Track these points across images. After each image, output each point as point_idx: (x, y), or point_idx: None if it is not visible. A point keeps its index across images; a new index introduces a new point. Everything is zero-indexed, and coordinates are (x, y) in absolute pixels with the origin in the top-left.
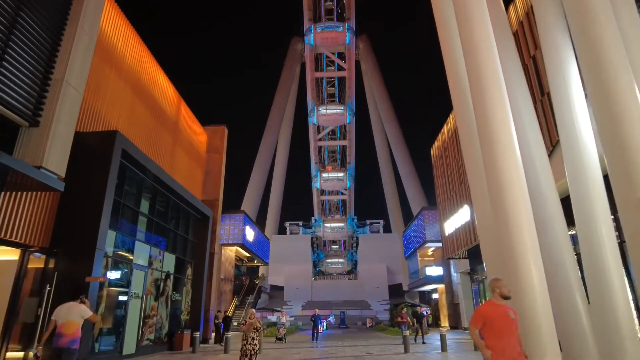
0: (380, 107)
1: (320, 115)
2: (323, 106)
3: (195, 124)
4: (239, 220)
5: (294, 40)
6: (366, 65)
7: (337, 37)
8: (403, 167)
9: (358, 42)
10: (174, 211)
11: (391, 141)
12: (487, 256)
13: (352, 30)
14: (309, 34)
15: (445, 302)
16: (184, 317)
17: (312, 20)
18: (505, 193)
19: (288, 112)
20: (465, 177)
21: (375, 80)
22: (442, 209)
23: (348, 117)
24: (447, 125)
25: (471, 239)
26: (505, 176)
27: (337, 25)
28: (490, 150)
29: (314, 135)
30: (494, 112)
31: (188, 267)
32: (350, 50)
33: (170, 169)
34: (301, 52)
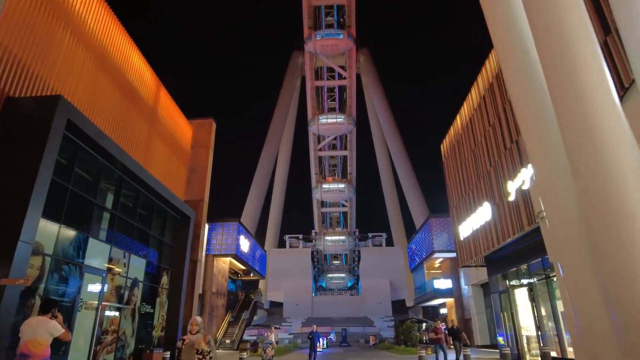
0: (382, 119)
1: (321, 124)
2: (323, 115)
3: (178, 115)
4: (233, 229)
5: (295, 54)
6: (367, 78)
7: (337, 44)
8: (405, 180)
9: (359, 56)
10: (146, 208)
11: (393, 153)
12: (557, 239)
13: (353, 38)
14: (309, 42)
15: (455, 318)
16: (156, 333)
17: (312, 29)
18: (605, 144)
19: (288, 126)
20: (484, 171)
21: (376, 93)
22: (455, 211)
23: (349, 126)
24: (461, 116)
25: (493, 241)
26: (603, 123)
27: (338, 33)
28: (575, 93)
29: (314, 146)
30: (579, 46)
31: (164, 274)
32: (351, 59)
33: (144, 160)
34: (301, 65)
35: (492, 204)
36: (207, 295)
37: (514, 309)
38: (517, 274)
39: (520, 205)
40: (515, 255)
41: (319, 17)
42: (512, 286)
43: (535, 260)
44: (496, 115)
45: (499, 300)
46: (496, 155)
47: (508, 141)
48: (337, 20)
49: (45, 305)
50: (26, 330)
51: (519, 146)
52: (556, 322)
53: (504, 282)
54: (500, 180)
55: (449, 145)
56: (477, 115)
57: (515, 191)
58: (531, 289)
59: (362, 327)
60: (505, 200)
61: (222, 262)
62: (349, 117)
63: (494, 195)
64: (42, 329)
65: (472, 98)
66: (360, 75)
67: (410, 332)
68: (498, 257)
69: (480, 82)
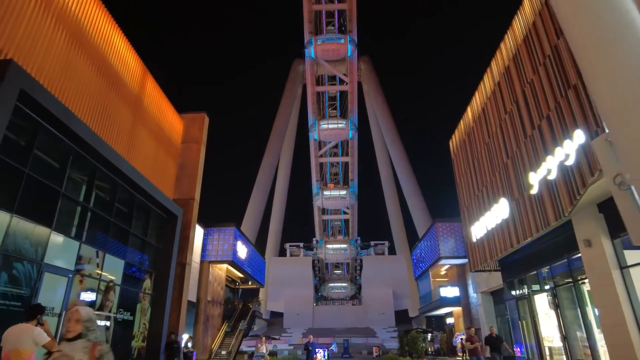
0: (383, 127)
1: (322, 130)
2: (324, 120)
3: (167, 107)
4: (229, 235)
5: (296, 62)
6: (368, 86)
7: (338, 49)
8: (407, 188)
9: (360, 64)
10: (126, 203)
11: (394, 161)
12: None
13: (354, 42)
14: (310, 47)
15: (462, 328)
16: (136, 343)
17: (313, 33)
18: None
19: (289, 133)
20: (501, 164)
21: (378, 100)
22: (466, 212)
23: (350, 132)
24: (472, 107)
25: (512, 241)
26: None
27: (339, 37)
28: None
29: (315, 152)
30: None
31: (146, 278)
32: (352, 64)
33: (127, 151)
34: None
35: (510, 199)
36: (202, 303)
37: (535, 317)
38: (537, 277)
39: (545, 199)
40: (534, 257)
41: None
42: (533, 291)
43: (559, 262)
44: (514, 100)
45: (516, 307)
46: (514, 146)
47: (529, 128)
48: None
49: (30, 312)
50: (8, 339)
51: (542, 132)
52: (587, 330)
53: (522, 287)
54: (520, 173)
55: (459, 141)
56: (491, 104)
57: (539, 183)
58: (555, 294)
59: (364, 337)
60: (526, 194)
61: (219, 269)
62: (350, 122)
63: (512, 190)
64: (25, 337)
65: (485, 86)
66: (361, 83)
67: (416, 343)
68: (514, 261)
69: (494, 67)
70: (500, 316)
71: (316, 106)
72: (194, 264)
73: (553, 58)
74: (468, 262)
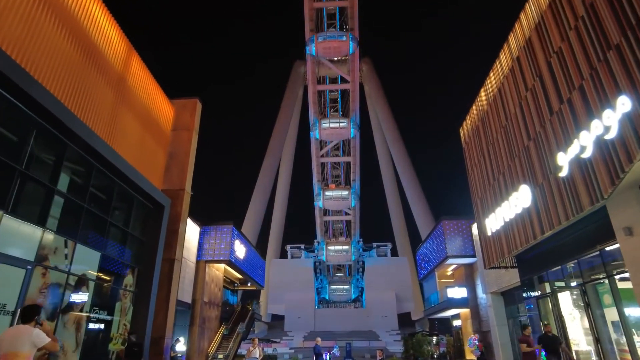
0: (385, 128)
1: (323, 129)
2: (326, 120)
3: (155, 90)
4: (227, 233)
5: (297, 64)
6: (369, 87)
7: (340, 46)
8: (410, 190)
9: (361, 65)
10: (103, 189)
11: (396, 162)
12: None
13: (356, 40)
14: (311, 44)
15: (470, 330)
16: (114, 346)
17: (314, 31)
18: None
19: (290, 135)
20: (521, 147)
21: (379, 102)
22: (479, 204)
23: (352, 131)
24: (486, 89)
25: (535, 232)
26: None
27: (340, 35)
28: None
29: (316, 152)
30: None
31: (127, 273)
32: (354, 62)
33: (109, 135)
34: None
35: (533, 185)
36: (198, 305)
37: (561, 317)
38: (561, 273)
39: (578, 181)
40: (558, 250)
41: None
42: (558, 288)
43: (590, 254)
44: (537, 74)
45: (536, 307)
46: (537, 125)
47: (555, 103)
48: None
49: (26, 313)
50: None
51: (572, 106)
52: (626, 332)
53: (543, 285)
54: (544, 155)
55: (471, 127)
56: (509, 83)
57: (570, 164)
58: (584, 291)
59: (367, 341)
60: (553, 177)
61: (216, 269)
62: (352, 121)
63: (535, 175)
64: (23, 339)
65: (502, 63)
66: (362, 84)
67: (422, 346)
68: (534, 255)
69: (512, 42)
70: (512, 318)
71: (317, 106)
72: (189, 263)
73: (588, 18)
74: (482, 259)
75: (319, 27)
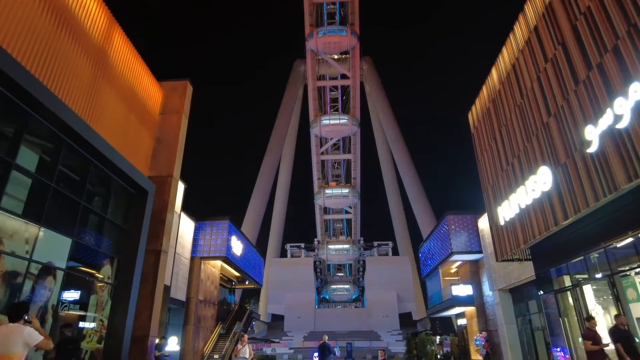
0: (386, 127)
1: (323, 126)
2: (326, 116)
3: (141, 70)
4: (223, 229)
5: (297, 63)
6: (370, 87)
7: (340, 41)
8: (411, 189)
9: (362, 64)
10: (76, 168)
11: (397, 161)
12: None
13: (357, 35)
14: (310, 40)
15: (476, 329)
16: (88, 345)
17: (313, 26)
18: None
19: (291, 134)
20: (539, 125)
21: (380, 100)
22: (490, 191)
23: (353, 127)
24: (498, 66)
25: (557, 217)
26: None
27: (341, 29)
28: None
29: (316, 149)
30: None
31: (105, 264)
32: (355, 57)
33: (86, 111)
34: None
35: (554, 165)
36: (193, 303)
37: (588, 312)
38: (585, 264)
39: (611, 156)
40: (580, 239)
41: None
42: (584, 280)
43: (619, 242)
44: (558, 42)
45: (555, 302)
46: (559, 99)
47: (582, 71)
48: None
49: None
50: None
51: (604, 71)
52: None
53: (562, 278)
54: (568, 131)
55: (481, 110)
56: (525, 56)
57: (601, 137)
58: (612, 283)
59: (368, 341)
60: (579, 155)
61: (212, 266)
62: (352, 118)
63: (556, 155)
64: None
65: (517, 36)
66: (363, 83)
67: (425, 347)
68: (551, 246)
69: (529, 11)
70: (521, 316)
71: (317, 102)
72: (183, 259)
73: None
74: (494, 251)
75: (319, 23)
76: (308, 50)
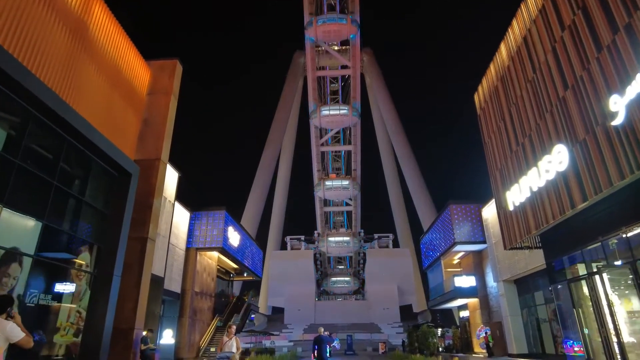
0: (387, 119)
1: (323, 117)
2: (326, 106)
3: (127, 46)
4: (219, 219)
5: (296, 55)
6: (370, 79)
7: (340, 30)
8: (412, 181)
9: (362, 55)
10: (50, 146)
11: (398, 154)
12: None
13: (357, 23)
14: (310, 28)
15: (479, 322)
16: (63, 338)
17: (313, 15)
18: None
19: (290, 127)
20: (554, 100)
21: (381, 92)
22: (498, 175)
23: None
24: (507, 43)
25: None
26: None
27: (341, 17)
28: None
29: (316, 141)
30: None
31: (83, 250)
32: (355, 47)
33: (63, 86)
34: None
35: (572, 143)
36: (188, 295)
37: (609, 303)
38: (602, 251)
39: None
40: (596, 224)
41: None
42: (603, 267)
43: None
44: (578, 6)
45: (569, 292)
46: (579, 68)
47: (607, 35)
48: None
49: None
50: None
51: (631, 33)
52: None
53: (575, 266)
54: (589, 103)
55: (488, 90)
56: (539, 26)
57: (629, 107)
58: (635, 270)
59: (369, 333)
60: (604, 127)
61: (208, 257)
62: (353, 108)
63: (574, 131)
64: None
65: (529, 5)
66: (363, 75)
67: (427, 339)
68: (564, 232)
69: None
70: (526, 307)
71: (317, 92)
72: (178, 250)
73: None
74: (502, 238)
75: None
76: (307, 40)
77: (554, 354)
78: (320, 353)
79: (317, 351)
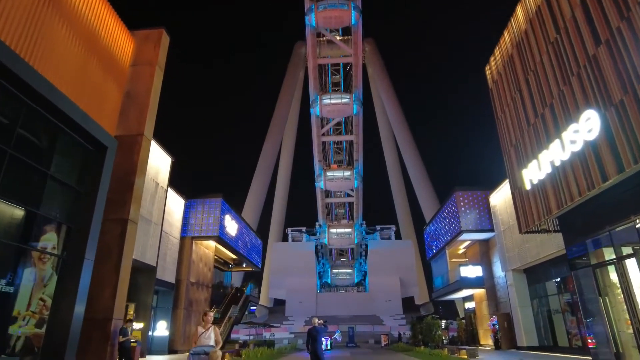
0: (389, 109)
1: (324, 106)
2: (327, 95)
3: (106, 10)
4: (216, 207)
5: (298, 45)
6: (372, 69)
7: (341, 15)
8: (414, 172)
9: (364, 45)
10: (5, 110)
11: (400, 145)
12: None
13: (359, 9)
14: (310, 14)
15: (486, 313)
16: (24, 329)
17: (313, 0)
18: None
19: (292, 117)
20: (582, 61)
21: (383, 82)
22: (512, 152)
23: (355, 107)
24: (525, 4)
25: (607, 172)
26: None
27: (342, 3)
28: None
29: (317, 130)
30: None
31: (49, 230)
32: (357, 33)
33: (26, 46)
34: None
35: (605, 108)
36: (183, 286)
37: (631, 291)
38: (634, 233)
39: None
40: (629, 201)
41: None
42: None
43: None
44: None
45: (594, 279)
46: (614, 22)
47: None
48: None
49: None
50: None
51: None
52: None
53: (601, 250)
54: (627, 58)
55: (501, 61)
56: None
57: None
58: None
59: (371, 326)
60: None
61: (205, 247)
62: (354, 96)
63: (608, 92)
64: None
65: None
66: (365, 65)
67: (431, 331)
68: (588, 212)
69: None
70: (537, 298)
71: (318, 81)
72: (172, 239)
73: None
74: (517, 222)
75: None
76: (307, 26)
77: (567, 346)
78: (315, 349)
79: (312, 346)
